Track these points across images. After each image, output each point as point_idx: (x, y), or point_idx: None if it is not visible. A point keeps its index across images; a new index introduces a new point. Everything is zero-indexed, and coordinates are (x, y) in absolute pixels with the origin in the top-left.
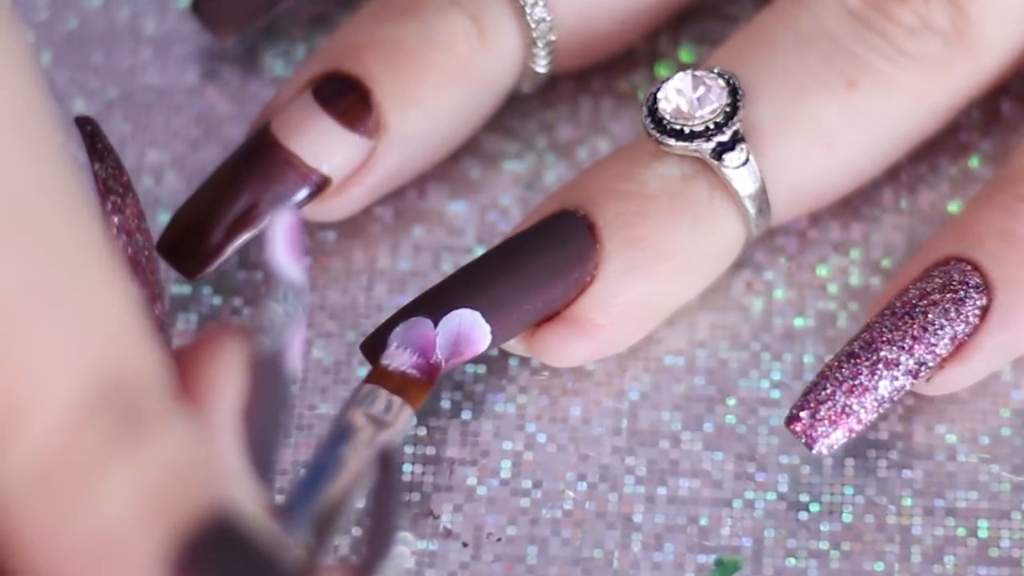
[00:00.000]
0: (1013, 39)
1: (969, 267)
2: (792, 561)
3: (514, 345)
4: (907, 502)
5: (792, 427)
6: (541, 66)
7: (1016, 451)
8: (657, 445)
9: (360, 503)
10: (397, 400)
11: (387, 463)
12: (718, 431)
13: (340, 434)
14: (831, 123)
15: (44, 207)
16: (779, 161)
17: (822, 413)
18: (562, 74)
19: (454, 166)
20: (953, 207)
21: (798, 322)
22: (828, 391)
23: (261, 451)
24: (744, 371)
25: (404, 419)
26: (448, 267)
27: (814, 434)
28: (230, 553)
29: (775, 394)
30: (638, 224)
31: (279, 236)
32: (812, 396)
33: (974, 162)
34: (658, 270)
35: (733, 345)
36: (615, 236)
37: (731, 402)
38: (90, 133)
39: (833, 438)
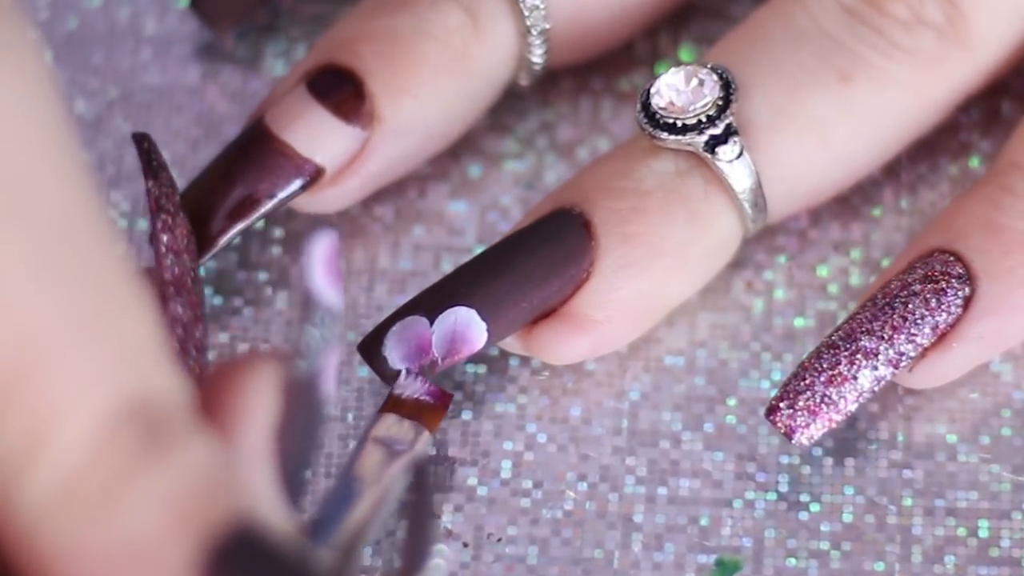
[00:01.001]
0: (1009, 34)
1: (952, 258)
2: (792, 561)
3: (511, 343)
4: (907, 502)
5: (772, 418)
6: (537, 57)
7: (1016, 451)
8: (657, 445)
9: (387, 523)
10: (414, 425)
11: (420, 481)
12: (718, 431)
13: (359, 459)
14: (826, 118)
15: (71, 229)
16: (774, 156)
17: (801, 404)
18: (559, 68)
19: (454, 166)
20: None
21: (798, 322)
22: (807, 382)
23: (293, 472)
24: (744, 371)
25: (422, 443)
26: (448, 267)
27: (793, 425)
28: (258, 560)
29: (775, 394)
30: (634, 220)
31: (317, 260)
32: (791, 387)
33: (974, 162)
34: (654, 266)
35: (733, 345)
36: (611, 233)
37: (731, 402)
38: (146, 150)
39: (813, 429)
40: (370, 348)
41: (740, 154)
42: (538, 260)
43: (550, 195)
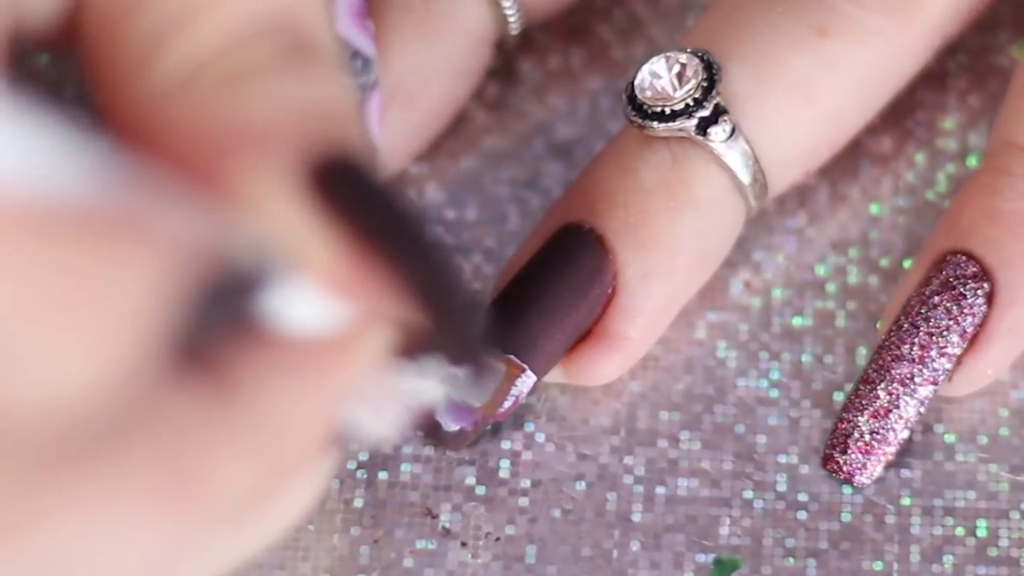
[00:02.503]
0: None
1: (964, 258)
2: (791, 560)
3: (551, 374)
4: (906, 502)
5: (828, 467)
6: (507, 6)
7: (1015, 451)
8: (656, 444)
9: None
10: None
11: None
12: (716, 430)
13: None
14: (807, 74)
15: None
16: (763, 124)
17: (852, 446)
18: (537, 21)
19: (452, 166)
20: None
21: (797, 321)
22: (853, 423)
23: None
24: (743, 370)
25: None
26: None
27: (851, 469)
28: (362, 190)
29: (774, 393)
30: (645, 225)
31: (343, 9)
32: (840, 432)
33: (973, 162)
34: (675, 267)
35: (731, 344)
36: (626, 243)
37: (729, 401)
38: None
39: (871, 467)
40: (423, 422)
41: (732, 132)
42: (562, 287)
43: (554, 211)
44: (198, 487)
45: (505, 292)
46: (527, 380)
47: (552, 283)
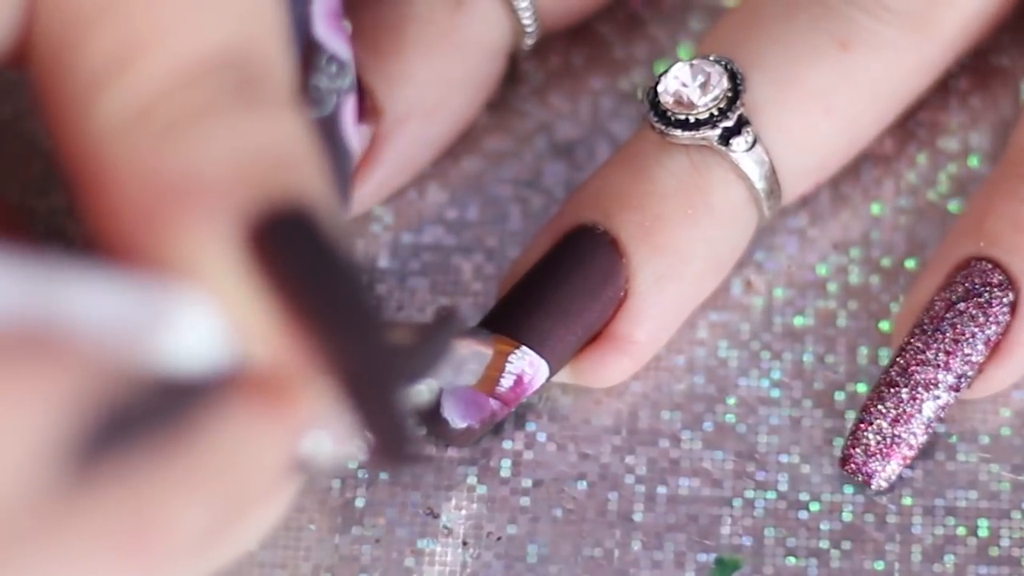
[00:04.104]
0: None
1: (989, 265)
2: (792, 560)
3: (558, 375)
4: (907, 501)
5: (846, 467)
6: (526, 18)
7: (1016, 450)
8: (657, 444)
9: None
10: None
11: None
12: (718, 430)
13: None
14: (828, 86)
15: None
16: (781, 132)
17: (873, 448)
18: (558, 28)
19: (454, 166)
20: (953, 207)
21: (798, 321)
22: (875, 425)
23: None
24: (744, 370)
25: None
26: (448, 267)
27: (870, 470)
28: (304, 245)
29: (775, 393)
30: (660, 230)
31: (319, 12)
32: (860, 433)
33: (974, 162)
34: (687, 273)
35: (733, 344)
36: (640, 246)
37: (731, 401)
38: None
39: (889, 470)
40: (431, 419)
41: (753, 143)
42: (575, 289)
43: (566, 211)
44: (158, 537)
45: (515, 291)
46: (539, 370)
47: (564, 284)
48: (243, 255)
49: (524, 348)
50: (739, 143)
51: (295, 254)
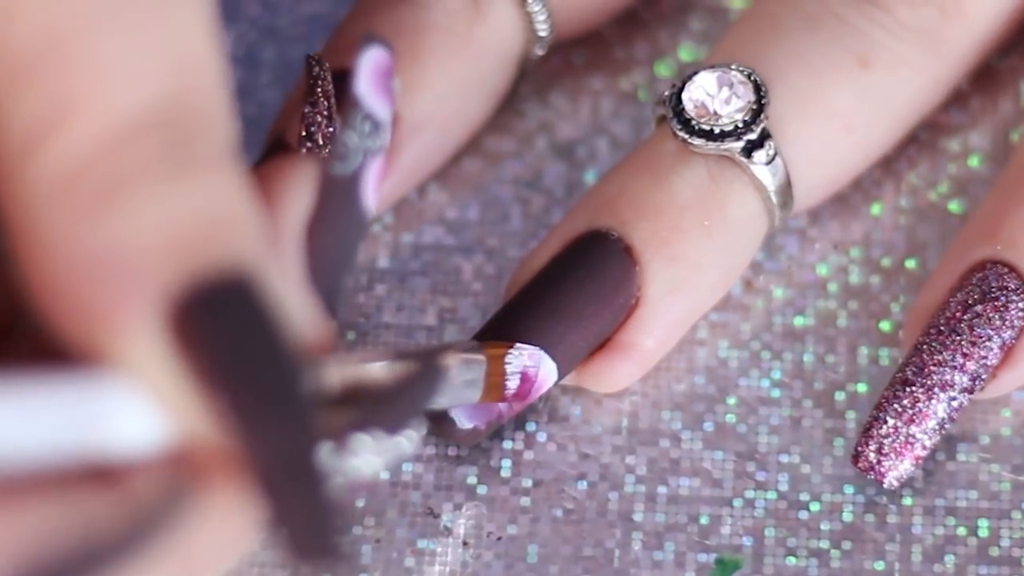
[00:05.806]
0: (1001, 3)
1: (1006, 270)
2: (792, 560)
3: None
4: (907, 501)
5: (859, 465)
6: (542, 27)
7: (1016, 450)
8: (657, 444)
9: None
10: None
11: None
12: (718, 430)
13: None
14: (848, 104)
15: None
16: (800, 148)
17: (887, 447)
18: (569, 37)
19: (454, 166)
20: (953, 207)
21: (798, 321)
22: (889, 423)
23: (328, 276)
24: (744, 370)
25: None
26: (448, 267)
27: (882, 469)
28: (237, 317)
29: (775, 393)
30: (676, 241)
31: (366, 68)
32: (874, 431)
33: (974, 162)
34: (700, 285)
35: (733, 344)
36: (655, 256)
37: (731, 401)
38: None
39: (902, 469)
40: (437, 419)
41: (774, 156)
42: (587, 294)
43: (578, 214)
44: None
45: (524, 294)
46: (542, 362)
47: (576, 290)
48: (166, 337)
49: (518, 345)
50: (760, 156)
51: (220, 332)
